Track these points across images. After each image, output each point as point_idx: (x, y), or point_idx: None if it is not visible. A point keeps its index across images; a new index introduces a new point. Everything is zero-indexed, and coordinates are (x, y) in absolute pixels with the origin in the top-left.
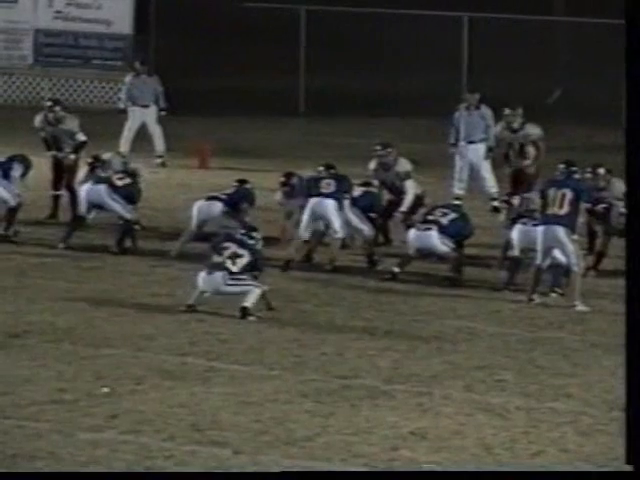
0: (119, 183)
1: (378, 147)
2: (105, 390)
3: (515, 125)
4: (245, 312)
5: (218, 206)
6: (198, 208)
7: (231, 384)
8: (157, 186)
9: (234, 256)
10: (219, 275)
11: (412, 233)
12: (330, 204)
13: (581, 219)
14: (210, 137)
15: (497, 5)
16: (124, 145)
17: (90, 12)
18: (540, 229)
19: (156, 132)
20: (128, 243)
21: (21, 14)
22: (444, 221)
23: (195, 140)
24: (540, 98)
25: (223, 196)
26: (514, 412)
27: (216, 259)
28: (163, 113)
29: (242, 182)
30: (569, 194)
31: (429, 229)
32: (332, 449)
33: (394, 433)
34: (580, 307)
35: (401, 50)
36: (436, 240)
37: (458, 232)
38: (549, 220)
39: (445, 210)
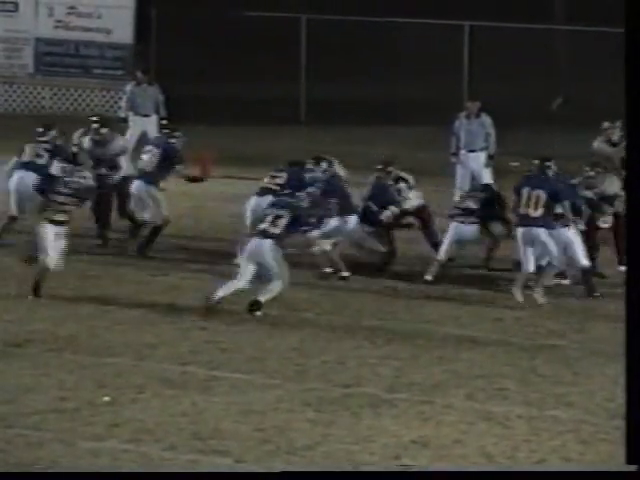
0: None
1: (379, 166)
2: (106, 399)
3: (615, 138)
4: (255, 306)
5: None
6: (251, 207)
7: (232, 393)
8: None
9: (275, 218)
10: (265, 242)
11: (453, 226)
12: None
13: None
14: (212, 145)
15: (498, 13)
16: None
17: (91, 21)
18: (519, 231)
19: None
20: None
21: (22, 23)
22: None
23: (196, 148)
24: (542, 105)
25: (275, 187)
26: (515, 420)
27: (260, 226)
28: (164, 122)
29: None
30: (543, 196)
31: (470, 222)
32: (333, 458)
33: (395, 442)
34: (540, 299)
35: (402, 58)
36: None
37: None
38: (525, 222)
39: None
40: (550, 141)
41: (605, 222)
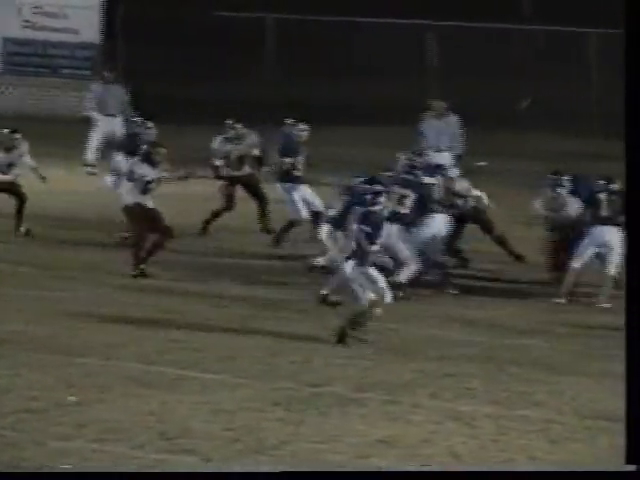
0: None
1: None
2: (72, 399)
3: None
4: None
5: None
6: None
7: (201, 392)
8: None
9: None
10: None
11: None
12: None
13: None
14: (178, 144)
15: (465, 13)
16: (91, 154)
17: (58, 21)
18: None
19: None
20: None
21: None
22: None
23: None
24: (510, 105)
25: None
26: (483, 420)
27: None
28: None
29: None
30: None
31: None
32: (302, 457)
33: (363, 441)
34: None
35: (369, 58)
36: None
37: None
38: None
39: None
40: (517, 141)
41: None
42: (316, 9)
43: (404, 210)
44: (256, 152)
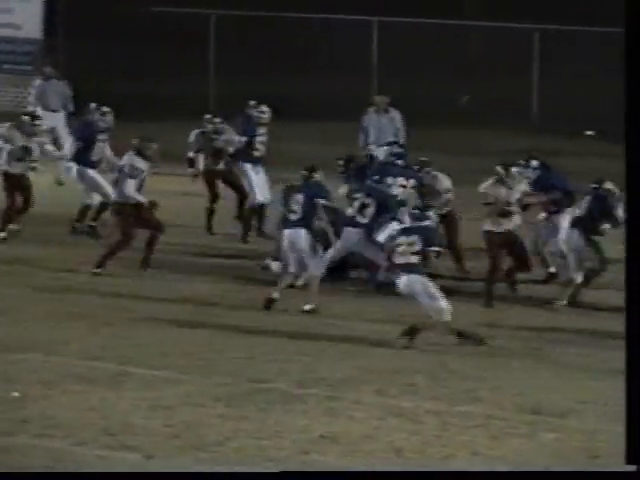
0: None
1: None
2: (15, 394)
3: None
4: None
5: None
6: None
7: (142, 388)
8: (67, 190)
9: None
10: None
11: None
12: None
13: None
14: (120, 141)
15: (407, 9)
16: None
17: (1, 16)
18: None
19: (65, 137)
20: None
21: None
22: None
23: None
24: (449, 101)
25: None
26: (425, 416)
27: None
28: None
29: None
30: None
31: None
32: (243, 453)
33: (305, 437)
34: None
35: (311, 53)
36: None
37: None
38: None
39: None
40: (457, 137)
41: None
42: (259, 6)
43: (363, 220)
44: (231, 149)
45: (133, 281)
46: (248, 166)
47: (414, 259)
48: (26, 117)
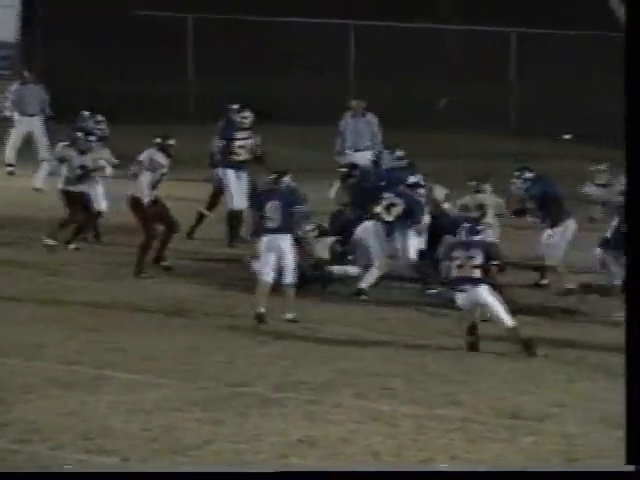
0: None
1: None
2: None
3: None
4: (360, 292)
5: None
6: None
7: (120, 392)
8: (45, 192)
9: (390, 205)
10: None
11: None
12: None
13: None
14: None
15: (383, 13)
16: (10, 153)
17: None
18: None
19: (42, 141)
20: None
21: None
22: None
23: None
24: (428, 105)
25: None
26: (403, 419)
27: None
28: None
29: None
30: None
31: None
32: (221, 457)
33: (283, 441)
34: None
35: (289, 57)
36: None
37: None
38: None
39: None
40: (435, 140)
41: None
42: (237, 9)
43: (389, 218)
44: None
45: (112, 285)
46: (229, 172)
47: (476, 273)
48: (80, 133)
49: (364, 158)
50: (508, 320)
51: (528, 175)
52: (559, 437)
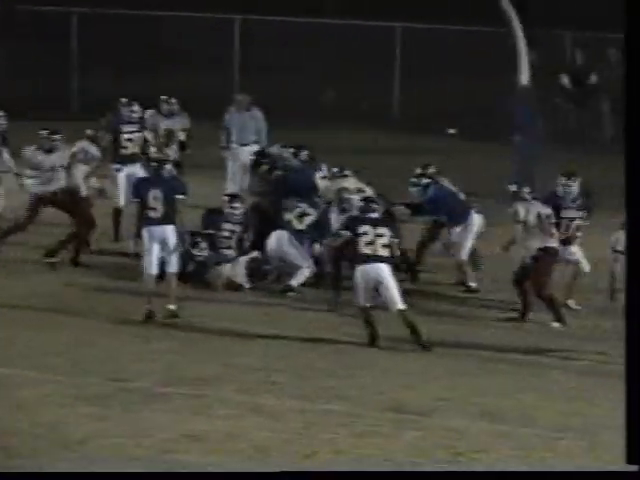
0: None
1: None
2: None
3: None
4: (287, 289)
5: None
6: None
7: (4, 388)
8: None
9: (303, 214)
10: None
11: None
12: None
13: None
14: None
15: (268, 7)
16: None
17: None
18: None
19: None
20: None
21: None
22: None
23: None
24: (311, 99)
25: None
26: (288, 414)
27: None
28: None
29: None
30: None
31: None
32: (106, 452)
33: (168, 436)
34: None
35: (174, 52)
36: None
37: None
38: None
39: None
40: (321, 135)
41: None
42: (121, 3)
43: (299, 226)
44: (182, 137)
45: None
46: (116, 166)
47: (385, 251)
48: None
49: (250, 152)
50: (399, 303)
51: (424, 182)
52: (444, 431)
